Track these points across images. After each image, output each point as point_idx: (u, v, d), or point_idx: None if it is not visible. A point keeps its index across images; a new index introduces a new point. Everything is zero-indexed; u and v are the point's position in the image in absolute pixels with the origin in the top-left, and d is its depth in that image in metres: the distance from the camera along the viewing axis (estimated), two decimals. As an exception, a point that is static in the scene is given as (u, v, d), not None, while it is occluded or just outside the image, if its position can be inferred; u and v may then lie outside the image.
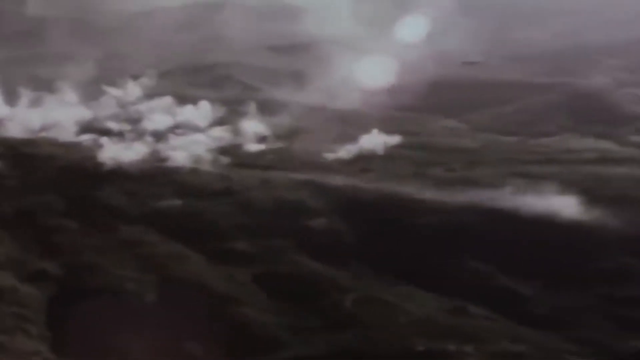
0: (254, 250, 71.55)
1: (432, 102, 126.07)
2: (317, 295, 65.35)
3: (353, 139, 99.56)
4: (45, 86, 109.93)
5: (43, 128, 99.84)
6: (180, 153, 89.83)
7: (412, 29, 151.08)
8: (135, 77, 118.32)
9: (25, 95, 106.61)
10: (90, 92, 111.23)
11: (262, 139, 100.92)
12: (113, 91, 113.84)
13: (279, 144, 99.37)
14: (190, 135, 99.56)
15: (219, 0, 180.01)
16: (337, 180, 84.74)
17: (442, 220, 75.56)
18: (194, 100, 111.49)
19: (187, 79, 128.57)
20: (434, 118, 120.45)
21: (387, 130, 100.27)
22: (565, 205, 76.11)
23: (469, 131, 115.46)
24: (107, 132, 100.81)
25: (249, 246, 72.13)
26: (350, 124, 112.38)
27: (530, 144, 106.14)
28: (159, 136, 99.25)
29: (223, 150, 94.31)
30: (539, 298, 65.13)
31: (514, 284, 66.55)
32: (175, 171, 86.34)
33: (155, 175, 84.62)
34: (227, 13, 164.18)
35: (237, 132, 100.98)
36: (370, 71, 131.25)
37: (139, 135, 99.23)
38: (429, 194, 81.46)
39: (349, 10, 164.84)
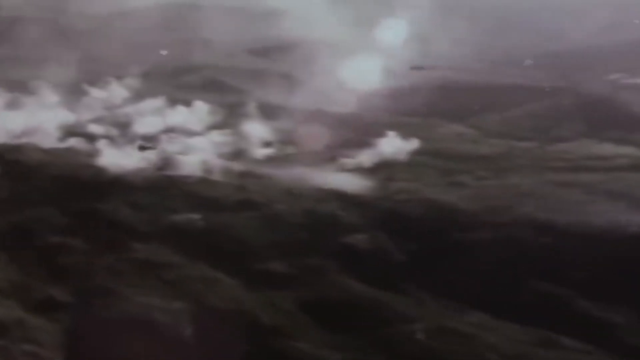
0: (292, 272, 62.20)
1: (434, 106, 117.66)
2: (378, 325, 56.17)
3: (367, 144, 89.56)
4: (20, 88, 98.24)
5: (24, 132, 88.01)
6: (186, 160, 78.95)
7: (398, 32, 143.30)
8: (118, 78, 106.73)
9: (1, 96, 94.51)
10: (71, 93, 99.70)
11: (267, 144, 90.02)
12: (96, 92, 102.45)
13: (288, 150, 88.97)
14: (187, 140, 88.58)
15: (194, 1, 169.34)
16: (368, 190, 74.69)
17: (498, 236, 66.91)
18: (183, 103, 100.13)
19: (170, 81, 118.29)
20: (439, 122, 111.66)
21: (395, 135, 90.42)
22: (629, 217, 66.81)
23: (480, 136, 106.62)
24: (93, 137, 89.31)
25: (286, 267, 62.82)
26: (356, 128, 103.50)
27: (550, 150, 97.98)
28: (151, 140, 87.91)
29: (229, 156, 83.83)
30: (632, 326, 55.42)
31: (600, 310, 57.33)
32: (184, 180, 76.04)
33: (162, 185, 74.85)
34: (203, 14, 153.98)
35: (239, 136, 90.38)
36: (362, 74, 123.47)
37: (130, 139, 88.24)
38: (472, 205, 71.74)
39: (331, 12, 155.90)
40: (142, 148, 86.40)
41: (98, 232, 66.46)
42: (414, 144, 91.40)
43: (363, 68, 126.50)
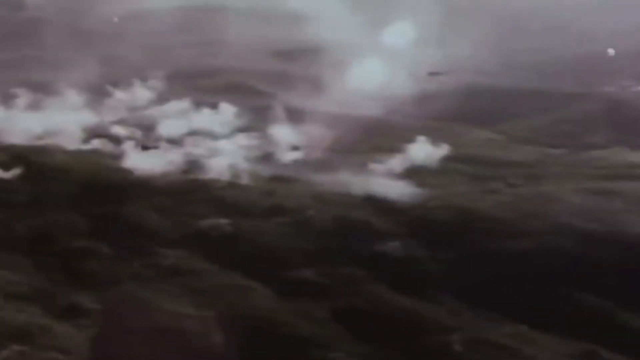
0: (325, 281, 60.05)
1: (459, 111, 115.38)
2: (413, 335, 53.92)
3: (397, 149, 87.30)
4: (43, 89, 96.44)
5: (47, 134, 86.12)
6: (213, 163, 76.92)
7: (418, 35, 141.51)
8: (142, 80, 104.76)
9: (22, 97, 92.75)
10: (94, 95, 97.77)
11: (294, 148, 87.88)
12: (119, 94, 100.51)
13: (316, 154, 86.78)
14: (213, 143, 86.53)
15: (213, 3, 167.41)
16: (399, 196, 72.48)
17: (536, 245, 64.48)
18: (208, 106, 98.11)
19: (193, 83, 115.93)
20: (465, 128, 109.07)
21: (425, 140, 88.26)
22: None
23: (508, 142, 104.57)
24: (117, 139, 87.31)
25: (318, 275, 60.68)
26: (383, 133, 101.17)
27: (582, 158, 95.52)
28: (177, 143, 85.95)
29: (257, 160, 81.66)
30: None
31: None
32: (211, 185, 73.89)
33: (189, 190, 72.80)
34: (223, 16, 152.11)
35: (266, 139, 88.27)
36: (385, 77, 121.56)
37: (154, 142, 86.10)
38: (508, 213, 69.47)
39: (352, 15, 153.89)
40: (145, 148, 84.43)
41: (123, 237, 64.25)
42: (443, 149, 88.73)
43: (385, 72, 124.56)
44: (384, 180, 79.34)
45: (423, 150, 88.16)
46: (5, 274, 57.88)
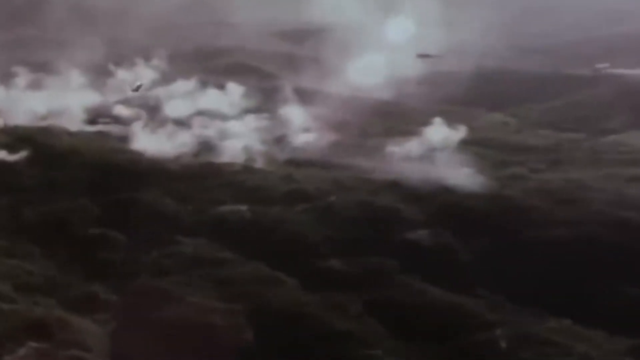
0: (354, 271, 56.67)
1: (470, 94, 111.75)
2: (455, 331, 50.23)
3: (411, 132, 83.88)
4: (43, 68, 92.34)
5: (49, 114, 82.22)
6: (226, 146, 73.34)
7: (425, 18, 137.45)
8: (145, 60, 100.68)
9: (23, 76, 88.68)
10: (97, 74, 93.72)
11: (306, 130, 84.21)
12: (122, 74, 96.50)
13: (329, 137, 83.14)
14: (222, 124, 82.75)
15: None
16: (421, 181, 68.96)
17: (572, 234, 60.94)
18: (214, 86, 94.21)
19: (197, 64, 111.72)
20: (477, 111, 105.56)
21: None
22: None
23: (522, 126, 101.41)
24: (121, 120, 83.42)
25: (346, 265, 57.33)
26: (395, 116, 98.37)
27: (601, 142, 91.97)
28: (184, 124, 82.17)
29: (270, 142, 77.97)
30: None
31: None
32: (226, 169, 70.34)
33: (204, 174, 69.44)
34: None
35: (277, 120, 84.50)
36: (392, 60, 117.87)
37: (160, 123, 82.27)
38: (539, 200, 66.28)
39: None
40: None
41: (139, 224, 60.57)
42: (461, 132, 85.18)
43: (393, 54, 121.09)
44: (404, 164, 75.48)
45: (440, 133, 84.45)
46: (17, 263, 54.42)
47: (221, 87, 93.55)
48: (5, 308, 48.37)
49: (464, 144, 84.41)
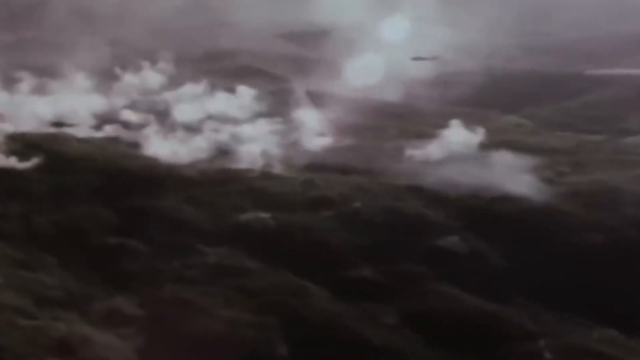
0: (386, 280, 54.19)
1: (480, 96, 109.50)
2: (496, 341, 47.58)
3: (428, 134, 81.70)
4: (47, 72, 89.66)
5: (56, 119, 79.56)
6: (242, 151, 70.79)
7: (429, 19, 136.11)
8: (152, 63, 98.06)
9: (26, 80, 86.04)
10: (102, 78, 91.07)
11: (321, 134, 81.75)
12: (129, 77, 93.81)
13: (345, 140, 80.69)
14: (235, 128, 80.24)
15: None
16: (446, 185, 66.52)
17: (609, 240, 58.26)
18: (223, 90, 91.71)
19: (203, 66, 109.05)
20: (491, 113, 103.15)
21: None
22: None
23: (538, 128, 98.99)
24: (130, 125, 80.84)
25: (377, 274, 55.00)
26: (409, 118, 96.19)
27: (622, 144, 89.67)
28: (195, 129, 79.62)
29: (286, 147, 75.51)
30: None
31: None
32: (245, 175, 67.82)
33: (222, 180, 66.95)
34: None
35: (290, 125, 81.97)
36: (398, 61, 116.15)
37: (171, 128, 79.68)
38: (569, 204, 63.89)
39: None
40: None
41: (158, 233, 57.92)
42: (479, 135, 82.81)
43: (397, 55, 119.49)
44: (426, 168, 73.05)
45: (459, 136, 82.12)
46: (34, 276, 51.75)
47: (231, 90, 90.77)
48: (25, 324, 45.75)
49: (483, 147, 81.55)
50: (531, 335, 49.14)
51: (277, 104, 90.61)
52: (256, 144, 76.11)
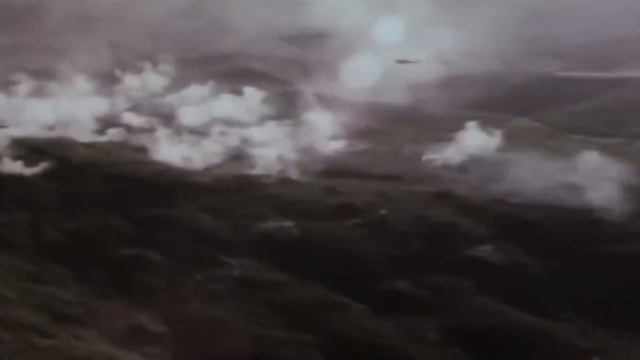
0: (424, 293, 50.64)
1: (489, 98, 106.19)
2: (546, 359, 43.65)
3: (442, 138, 78.47)
4: (46, 75, 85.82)
5: (57, 123, 75.80)
6: (256, 155, 67.28)
7: (430, 21, 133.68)
8: (153, 65, 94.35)
9: (25, 83, 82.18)
10: (102, 81, 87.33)
11: (334, 138, 78.30)
12: (130, 80, 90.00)
13: (360, 144, 77.28)
14: (243, 132, 76.69)
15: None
16: (473, 191, 63.15)
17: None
18: (228, 92, 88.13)
19: (204, 69, 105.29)
20: (503, 116, 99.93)
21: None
22: None
23: (552, 132, 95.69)
24: (133, 129, 77.18)
25: (414, 287, 51.32)
26: (420, 122, 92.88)
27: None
28: (201, 132, 76.05)
29: (300, 152, 71.98)
30: None
31: None
32: (262, 181, 64.16)
33: (239, 187, 63.22)
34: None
35: (301, 128, 78.47)
36: (401, 63, 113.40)
37: (176, 131, 76.01)
38: (602, 211, 60.45)
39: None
40: None
41: (177, 243, 54.10)
42: (497, 138, 79.55)
43: (400, 58, 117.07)
44: (448, 173, 69.64)
45: (476, 139, 78.67)
46: (49, 290, 48.14)
47: (237, 92, 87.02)
48: (43, 344, 41.84)
49: (501, 150, 78.34)
50: (583, 353, 46.12)
51: (285, 107, 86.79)
52: (269, 148, 72.33)
